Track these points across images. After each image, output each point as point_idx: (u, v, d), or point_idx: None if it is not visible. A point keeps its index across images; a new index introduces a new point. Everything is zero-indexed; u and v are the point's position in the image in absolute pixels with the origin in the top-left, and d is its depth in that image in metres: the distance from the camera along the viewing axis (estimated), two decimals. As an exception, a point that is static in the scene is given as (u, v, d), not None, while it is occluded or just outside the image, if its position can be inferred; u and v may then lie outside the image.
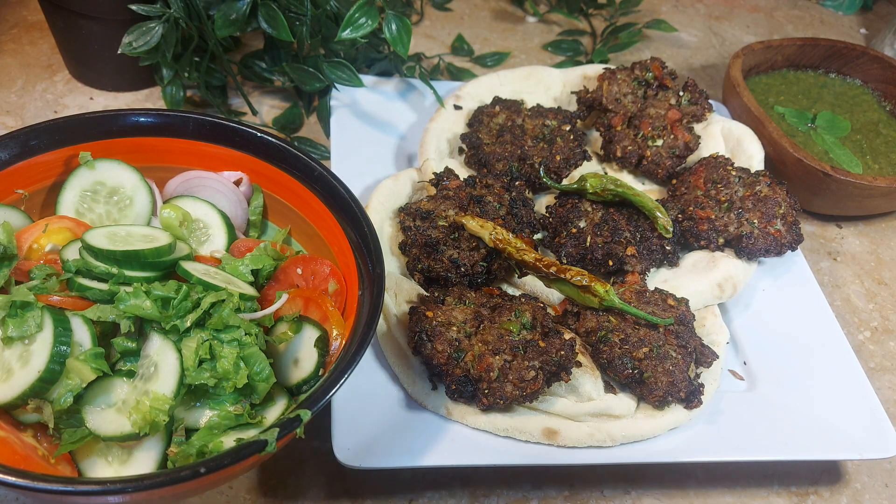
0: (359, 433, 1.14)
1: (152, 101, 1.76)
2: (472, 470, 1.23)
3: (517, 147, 1.51)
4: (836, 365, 1.35)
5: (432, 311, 1.21)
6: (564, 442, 1.17)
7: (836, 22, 2.51)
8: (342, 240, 1.18)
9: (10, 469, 0.83)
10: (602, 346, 1.24)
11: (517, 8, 2.28)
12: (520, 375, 1.13)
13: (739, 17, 2.44)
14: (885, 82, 1.93)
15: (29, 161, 1.17)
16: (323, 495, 1.18)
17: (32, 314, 0.98)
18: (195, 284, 1.06)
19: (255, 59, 1.75)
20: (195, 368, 1.00)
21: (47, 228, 1.14)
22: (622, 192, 1.41)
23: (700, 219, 1.45)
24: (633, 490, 1.25)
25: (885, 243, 1.76)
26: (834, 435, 1.24)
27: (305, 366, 1.09)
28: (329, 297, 1.16)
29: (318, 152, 1.68)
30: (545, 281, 1.28)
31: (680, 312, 1.29)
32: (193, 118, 1.24)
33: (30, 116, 1.68)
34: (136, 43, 1.51)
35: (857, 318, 1.59)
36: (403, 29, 1.54)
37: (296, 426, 0.92)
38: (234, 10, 1.52)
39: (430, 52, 2.03)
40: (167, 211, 1.20)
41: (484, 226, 1.28)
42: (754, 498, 1.27)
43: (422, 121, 1.67)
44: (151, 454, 1.00)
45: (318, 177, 1.21)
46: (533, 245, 1.37)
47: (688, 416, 1.22)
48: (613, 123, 1.61)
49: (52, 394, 0.98)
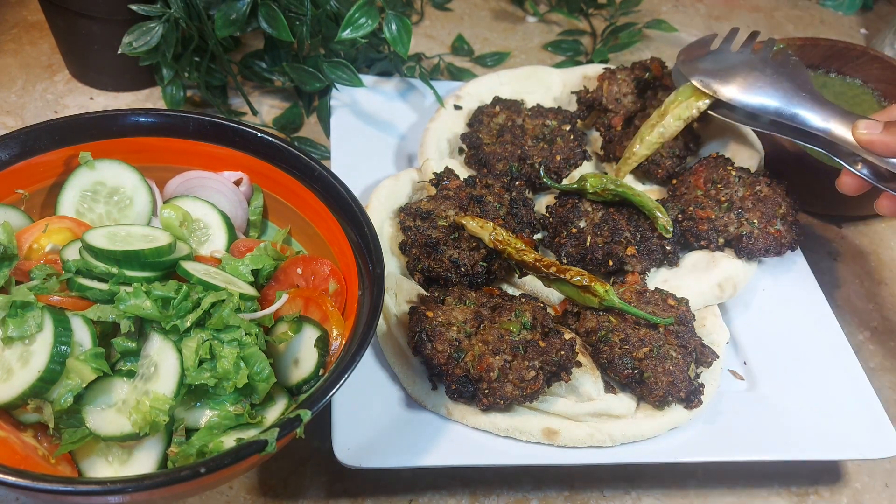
0: (359, 433, 1.14)
1: (152, 101, 1.76)
2: (472, 470, 1.23)
3: (517, 147, 1.51)
4: (836, 365, 1.35)
5: (432, 311, 1.21)
6: (564, 442, 1.17)
7: (836, 22, 2.51)
8: (342, 240, 1.18)
9: (10, 469, 0.83)
10: (602, 346, 1.24)
11: (517, 8, 2.28)
12: (520, 375, 1.13)
13: (739, 17, 2.44)
14: (885, 82, 1.93)
15: (29, 161, 1.17)
16: (323, 495, 1.18)
17: (32, 314, 0.98)
18: (195, 284, 1.06)
19: (255, 59, 1.75)
20: (195, 368, 1.00)
21: (47, 228, 1.14)
22: (622, 192, 1.41)
23: (700, 219, 1.45)
24: (633, 490, 1.25)
25: (885, 243, 1.76)
26: (834, 435, 1.24)
27: (305, 366, 1.09)
28: (329, 297, 1.16)
29: (318, 152, 1.68)
30: (545, 281, 1.28)
31: (680, 312, 1.29)
32: (193, 118, 1.24)
33: (30, 116, 1.68)
34: (136, 43, 1.51)
35: (857, 318, 1.59)
36: (403, 29, 1.54)
37: (296, 426, 0.92)
38: (234, 10, 1.52)
39: (430, 52, 2.03)
40: (167, 211, 1.20)
41: (484, 226, 1.28)
42: (754, 498, 1.27)
43: (422, 121, 1.67)
44: (151, 454, 1.00)
45: (318, 177, 1.21)
46: (533, 245, 1.37)
47: (688, 416, 1.22)
48: (613, 123, 1.61)
49: (52, 394, 0.98)
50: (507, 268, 1.33)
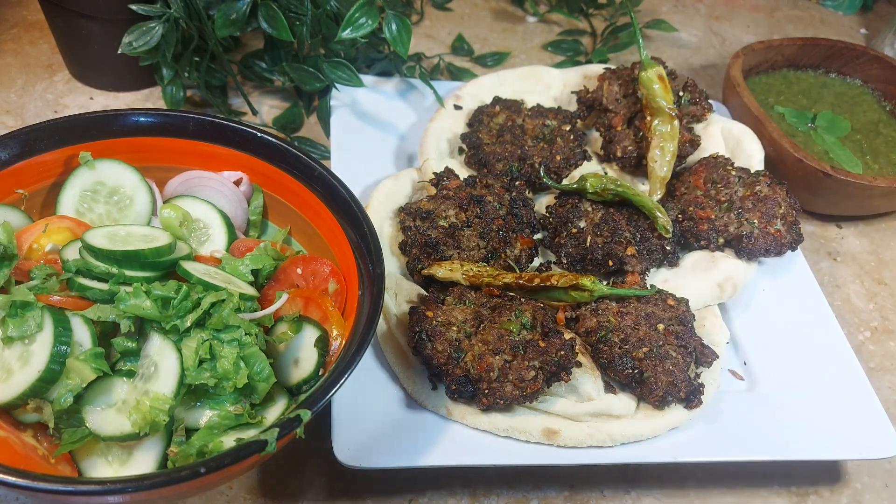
0: (359, 433, 1.14)
1: (152, 101, 1.76)
2: (472, 470, 1.23)
3: (517, 147, 1.51)
4: (836, 365, 1.35)
5: (432, 311, 1.21)
6: (564, 442, 1.17)
7: (836, 22, 2.51)
8: (342, 240, 1.18)
9: (10, 469, 0.83)
10: (602, 346, 1.24)
11: (517, 8, 2.28)
12: (520, 375, 1.13)
13: (739, 17, 2.44)
14: (885, 82, 1.93)
15: (29, 161, 1.17)
16: (323, 495, 1.18)
17: (32, 314, 0.98)
18: (195, 284, 1.06)
19: (255, 59, 1.75)
20: (195, 368, 1.00)
21: (47, 228, 1.14)
22: (622, 192, 1.41)
23: (700, 219, 1.45)
24: (633, 490, 1.25)
25: (885, 243, 1.76)
26: (834, 435, 1.24)
27: (305, 366, 1.09)
28: (329, 297, 1.16)
29: (318, 152, 1.68)
30: (531, 296, 1.28)
31: (680, 312, 1.29)
32: (193, 118, 1.24)
33: (30, 116, 1.68)
34: (136, 43, 1.51)
35: (857, 318, 1.59)
36: (403, 29, 1.54)
37: (296, 426, 0.92)
38: (234, 10, 1.52)
39: (430, 52, 2.03)
40: (167, 211, 1.20)
41: (453, 269, 1.28)
42: (754, 498, 1.27)
43: (422, 121, 1.67)
44: (151, 454, 1.00)
45: (318, 177, 1.21)
46: (532, 245, 1.37)
47: (688, 416, 1.22)
48: (613, 123, 1.61)
49: (52, 394, 0.98)
50: (507, 267, 1.33)
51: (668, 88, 1.54)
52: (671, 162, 1.51)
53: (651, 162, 1.52)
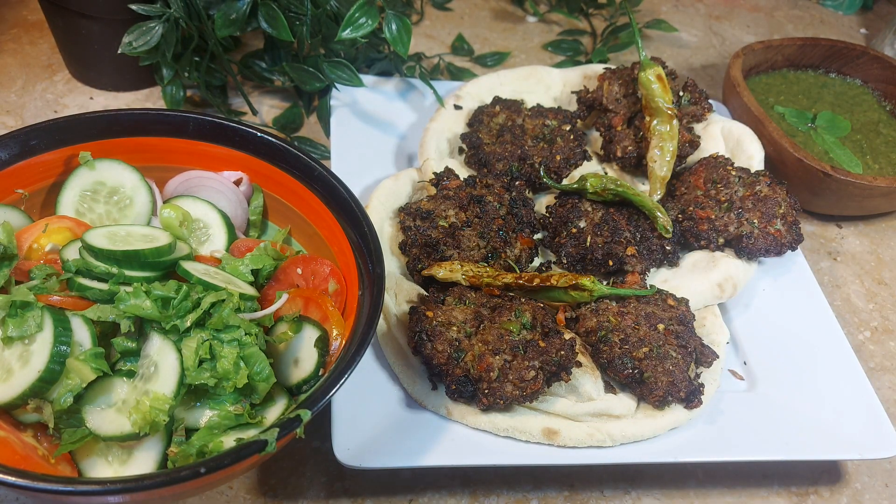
0: (359, 433, 1.14)
1: (152, 101, 1.76)
2: (472, 470, 1.23)
3: (517, 147, 1.51)
4: (836, 365, 1.35)
5: (432, 311, 1.21)
6: (564, 442, 1.17)
7: (836, 22, 2.51)
8: (342, 240, 1.18)
9: (10, 469, 0.83)
10: (602, 346, 1.24)
11: (517, 8, 2.28)
12: (520, 375, 1.13)
13: (739, 17, 2.44)
14: (885, 82, 1.93)
15: (29, 161, 1.17)
16: (323, 495, 1.18)
17: (32, 314, 0.98)
18: (195, 284, 1.06)
19: (255, 59, 1.75)
20: (195, 368, 1.00)
21: (47, 228, 1.14)
22: (622, 191, 1.41)
23: (700, 219, 1.45)
24: (633, 490, 1.25)
25: (885, 243, 1.76)
26: (834, 435, 1.24)
27: (305, 366, 1.09)
28: (329, 297, 1.16)
29: (318, 152, 1.68)
30: (531, 296, 1.28)
31: (680, 312, 1.29)
32: (193, 118, 1.24)
33: (30, 116, 1.68)
34: (136, 43, 1.51)
35: (857, 318, 1.59)
36: (403, 29, 1.54)
37: (296, 426, 0.92)
38: (234, 10, 1.52)
39: (430, 52, 2.03)
40: (167, 211, 1.20)
41: (453, 269, 1.28)
42: (754, 498, 1.27)
43: (422, 121, 1.67)
44: (151, 454, 1.00)
45: (318, 177, 1.21)
46: (532, 245, 1.37)
47: (688, 416, 1.22)
48: (613, 123, 1.61)
49: (52, 394, 0.98)
50: (507, 267, 1.33)
51: (668, 88, 1.54)
52: (671, 162, 1.51)
53: (651, 162, 1.52)
